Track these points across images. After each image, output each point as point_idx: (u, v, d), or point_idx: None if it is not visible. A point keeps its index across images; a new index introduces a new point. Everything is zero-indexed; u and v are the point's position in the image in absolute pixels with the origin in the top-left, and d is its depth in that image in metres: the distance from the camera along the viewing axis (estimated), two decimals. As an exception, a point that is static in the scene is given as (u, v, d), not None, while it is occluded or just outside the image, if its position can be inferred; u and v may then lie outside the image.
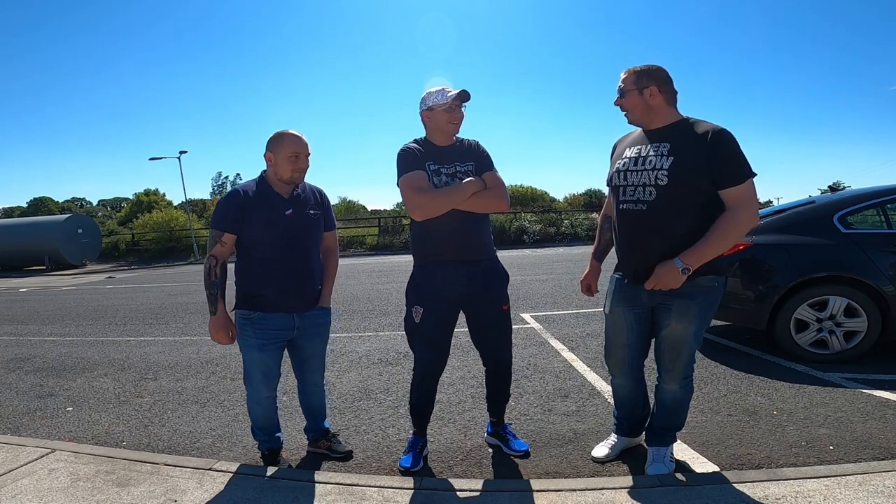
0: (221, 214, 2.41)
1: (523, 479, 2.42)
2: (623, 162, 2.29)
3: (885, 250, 3.83)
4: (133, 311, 8.37)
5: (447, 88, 2.41)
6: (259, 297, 2.44)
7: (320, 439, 2.78)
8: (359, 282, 10.79)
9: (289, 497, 2.25)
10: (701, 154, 2.07)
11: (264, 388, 2.54)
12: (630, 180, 2.22)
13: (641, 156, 2.22)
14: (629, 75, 2.24)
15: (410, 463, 2.57)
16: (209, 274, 2.38)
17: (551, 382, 3.81)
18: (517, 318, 6.12)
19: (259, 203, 2.42)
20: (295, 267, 2.46)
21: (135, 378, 4.45)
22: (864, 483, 2.13)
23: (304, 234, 2.49)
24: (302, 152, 2.42)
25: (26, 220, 24.67)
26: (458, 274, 2.43)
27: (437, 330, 2.50)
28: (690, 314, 2.21)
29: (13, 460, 2.66)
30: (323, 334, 2.65)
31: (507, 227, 21.50)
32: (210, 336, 2.46)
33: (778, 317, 3.98)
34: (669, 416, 2.45)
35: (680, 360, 2.32)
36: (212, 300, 2.39)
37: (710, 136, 2.07)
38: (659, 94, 2.19)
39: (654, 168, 2.14)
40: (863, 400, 3.19)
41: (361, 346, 5.06)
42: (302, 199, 2.51)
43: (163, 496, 2.26)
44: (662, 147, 2.16)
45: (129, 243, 26.01)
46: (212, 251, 2.40)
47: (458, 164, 2.46)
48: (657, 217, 2.15)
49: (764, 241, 4.12)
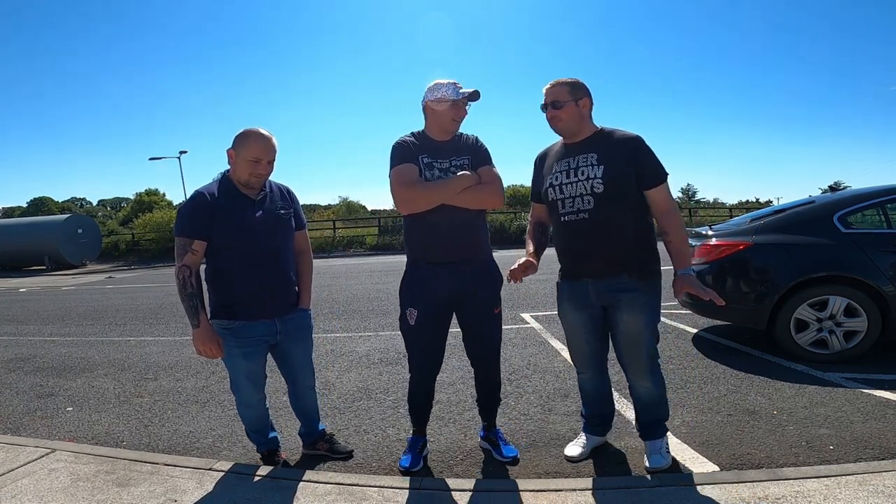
0: (189, 220, 2.27)
1: (523, 479, 2.41)
2: (555, 176, 2.40)
3: (885, 250, 3.83)
4: (133, 311, 8.37)
5: (459, 84, 2.37)
6: (237, 306, 2.34)
7: (318, 441, 2.74)
8: (359, 282, 10.79)
9: (289, 497, 2.25)
10: (623, 160, 2.26)
11: (253, 392, 2.51)
12: (567, 192, 2.35)
13: (572, 167, 2.34)
14: (563, 87, 2.33)
15: (410, 463, 2.57)
16: (184, 286, 2.24)
17: (551, 382, 3.81)
18: (517, 318, 6.12)
19: (226, 206, 2.29)
20: (269, 271, 2.36)
21: (135, 378, 4.45)
22: (864, 483, 2.13)
23: (276, 236, 2.39)
24: (264, 158, 2.28)
25: (26, 220, 24.66)
26: (450, 273, 2.39)
27: (431, 331, 2.49)
28: (638, 304, 2.32)
29: (13, 460, 2.66)
30: (307, 337, 2.59)
31: (508, 226, 21.49)
32: (196, 350, 2.32)
33: (778, 317, 3.98)
34: (651, 410, 2.51)
35: (640, 355, 2.39)
36: (192, 312, 2.26)
37: (630, 143, 2.28)
38: (588, 106, 2.35)
39: (587, 178, 2.29)
40: (863, 400, 3.19)
41: (361, 346, 5.06)
42: (270, 199, 2.41)
43: (163, 496, 2.26)
44: (591, 157, 2.31)
45: (129, 243, 25.99)
46: (183, 261, 2.25)
47: (453, 158, 2.41)
48: (598, 223, 2.29)
49: (764, 240, 4.12)
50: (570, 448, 2.69)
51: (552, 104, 2.34)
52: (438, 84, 2.37)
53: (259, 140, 2.28)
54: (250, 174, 2.29)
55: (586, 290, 2.40)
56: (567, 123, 2.34)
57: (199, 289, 2.28)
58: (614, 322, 2.39)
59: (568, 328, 2.58)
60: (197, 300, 2.27)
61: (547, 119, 2.39)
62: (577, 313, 2.47)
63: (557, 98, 2.32)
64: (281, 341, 2.49)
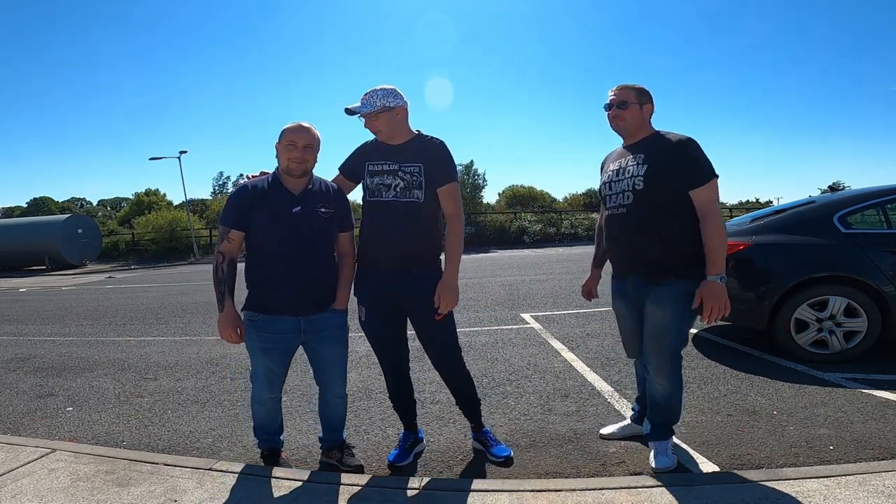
0: (228, 210, 2.37)
1: (523, 479, 2.42)
2: (608, 175, 2.56)
3: (885, 250, 3.83)
4: (133, 311, 8.37)
5: (366, 96, 2.40)
6: (262, 299, 2.38)
7: (332, 450, 2.66)
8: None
9: (289, 497, 2.25)
10: (670, 160, 2.33)
11: (266, 390, 2.50)
12: (614, 189, 2.50)
13: (621, 167, 2.48)
14: (631, 90, 2.45)
15: (395, 458, 2.61)
16: (216, 270, 2.33)
17: (551, 382, 3.81)
18: (517, 318, 6.13)
19: (266, 198, 2.35)
20: (299, 267, 2.35)
21: (135, 378, 4.45)
22: (864, 483, 2.13)
23: (312, 233, 2.38)
24: (299, 141, 2.32)
25: (26, 220, 24.69)
26: (391, 280, 2.44)
27: (381, 328, 2.54)
28: (666, 300, 2.36)
29: (13, 460, 2.66)
30: (336, 339, 2.51)
31: (508, 227, 21.50)
32: (219, 334, 2.39)
33: (778, 317, 3.98)
34: (663, 412, 2.52)
35: (661, 351, 2.41)
36: (219, 297, 2.34)
37: (677, 144, 2.34)
38: (650, 111, 2.48)
39: (631, 176, 2.40)
40: (863, 400, 3.19)
41: (362, 347, 5.06)
42: (313, 196, 2.40)
43: (163, 496, 2.26)
44: (638, 157, 2.41)
45: (130, 243, 26.02)
46: (219, 248, 2.36)
47: (402, 163, 2.42)
48: (634, 217, 2.40)
49: (764, 241, 4.12)
50: (607, 427, 2.91)
51: (618, 104, 2.44)
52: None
53: (293, 126, 2.36)
54: (289, 159, 2.33)
55: (626, 282, 2.53)
56: (628, 124, 2.45)
57: (229, 275, 2.34)
58: (645, 314, 2.47)
59: (617, 317, 2.74)
60: (225, 286, 2.33)
61: (609, 118, 2.50)
62: (623, 303, 2.62)
63: (625, 99, 2.43)
64: (308, 341, 2.47)
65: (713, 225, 2.29)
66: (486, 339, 5.17)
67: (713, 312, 2.26)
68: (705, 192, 2.31)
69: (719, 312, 2.26)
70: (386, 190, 2.42)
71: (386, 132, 2.42)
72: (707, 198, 2.31)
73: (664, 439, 2.53)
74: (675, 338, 2.40)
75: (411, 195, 2.40)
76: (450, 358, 2.59)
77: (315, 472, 2.50)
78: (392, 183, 2.41)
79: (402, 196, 2.40)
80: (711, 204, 2.32)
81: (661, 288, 2.36)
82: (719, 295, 2.25)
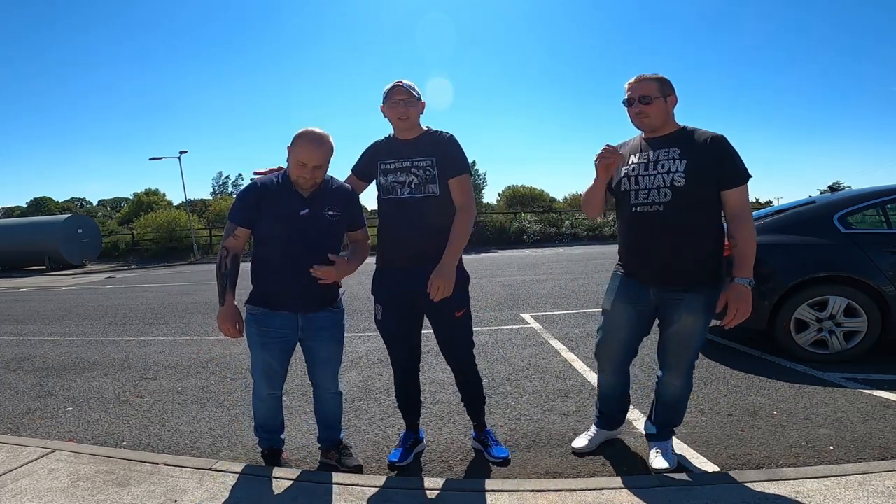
0: (236, 207, 2.39)
1: (523, 479, 2.41)
2: (632, 167, 2.34)
3: (885, 250, 3.83)
4: (133, 311, 8.37)
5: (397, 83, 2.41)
6: (264, 294, 2.41)
7: (330, 450, 2.67)
8: (359, 282, 10.74)
9: (288, 497, 2.25)
10: (707, 157, 2.20)
11: (265, 387, 2.51)
12: (643, 184, 2.29)
13: (651, 160, 2.29)
14: (652, 82, 2.28)
15: (397, 458, 2.61)
16: (220, 265, 2.37)
17: (551, 382, 3.81)
18: (517, 318, 6.13)
19: (274, 198, 2.36)
20: (302, 268, 2.35)
21: (135, 378, 4.45)
22: (864, 483, 2.13)
23: (319, 235, 2.38)
24: (309, 164, 2.27)
25: (26, 220, 24.69)
26: (406, 278, 2.44)
27: (396, 327, 2.53)
28: (699, 307, 2.27)
29: (13, 460, 2.66)
30: (333, 337, 2.52)
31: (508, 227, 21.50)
32: (218, 328, 2.42)
33: (778, 317, 3.98)
34: (671, 412, 2.51)
35: (687, 355, 2.38)
36: (220, 291, 2.37)
37: (714, 141, 2.22)
38: (674, 102, 2.31)
39: (668, 171, 2.23)
40: (863, 400, 3.19)
41: (361, 347, 5.06)
42: (323, 198, 2.40)
43: (163, 496, 2.26)
44: (673, 151, 2.25)
45: (130, 243, 26.01)
46: (225, 243, 2.39)
47: (414, 158, 2.42)
48: (672, 217, 2.23)
49: (764, 241, 4.10)
50: (577, 440, 2.73)
51: (641, 98, 2.27)
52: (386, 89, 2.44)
53: (306, 145, 2.27)
54: (298, 176, 2.31)
55: (646, 288, 2.36)
56: (653, 120, 2.29)
57: (232, 270, 2.37)
58: (670, 320, 2.33)
59: (610, 322, 2.51)
60: (227, 280, 2.36)
61: (631, 114, 2.33)
62: (627, 307, 2.42)
63: (647, 93, 2.26)
64: (305, 338, 2.49)
65: (747, 228, 2.20)
66: (486, 339, 5.17)
67: (737, 316, 2.21)
68: (740, 192, 2.21)
69: (743, 316, 2.21)
70: (401, 187, 2.43)
71: (413, 120, 2.44)
72: (741, 199, 2.22)
73: (665, 440, 2.53)
74: (700, 340, 2.37)
75: (426, 190, 2.40)
76: (467, 356, 2.60)
77: (315, 472, 2.50)
78: (406, 180, 2.42)
79: (417, 192, 2.41)
80: (745, 206, 2.22)
81: (692, 294, 2.26)
82: (746, 299, 2.19)
